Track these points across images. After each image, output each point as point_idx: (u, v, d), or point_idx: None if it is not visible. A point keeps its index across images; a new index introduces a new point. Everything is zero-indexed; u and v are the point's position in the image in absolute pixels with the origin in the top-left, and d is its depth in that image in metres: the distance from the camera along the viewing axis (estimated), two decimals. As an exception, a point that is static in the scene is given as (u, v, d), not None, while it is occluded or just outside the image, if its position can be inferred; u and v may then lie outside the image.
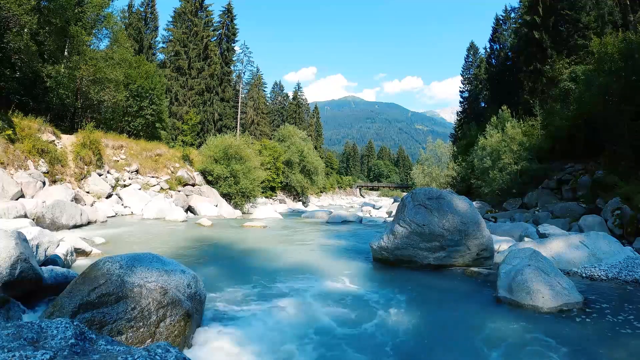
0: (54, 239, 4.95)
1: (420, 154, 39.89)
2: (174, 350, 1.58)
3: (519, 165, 18.88)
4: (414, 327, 3.55)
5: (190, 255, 6.57)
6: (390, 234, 5.94)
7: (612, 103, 12.87)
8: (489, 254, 5.83)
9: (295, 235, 10.04)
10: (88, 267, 3.06)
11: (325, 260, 6.38)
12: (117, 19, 19.83)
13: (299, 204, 32.57)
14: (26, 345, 1.42)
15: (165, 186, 16.46)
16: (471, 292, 4.73)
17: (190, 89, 33.96)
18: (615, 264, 5.31)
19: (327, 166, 60.91)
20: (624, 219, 8.61)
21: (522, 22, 27.93)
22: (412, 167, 58.50)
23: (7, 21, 12.02)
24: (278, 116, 58.34)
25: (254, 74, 49.57)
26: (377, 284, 5.11)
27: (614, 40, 13.65)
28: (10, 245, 3.23)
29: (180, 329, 2.85)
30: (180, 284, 3.10)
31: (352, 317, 3.74)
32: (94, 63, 16.50)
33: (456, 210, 5.77)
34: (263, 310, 3.77)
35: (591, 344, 3.11)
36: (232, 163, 19.54)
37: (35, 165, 11.46)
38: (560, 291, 3.90)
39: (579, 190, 13.13)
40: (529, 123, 21.55)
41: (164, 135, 24.48)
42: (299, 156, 35.39)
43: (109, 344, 1.62)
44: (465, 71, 43.39)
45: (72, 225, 8.83)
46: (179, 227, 10.70)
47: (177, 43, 34.08)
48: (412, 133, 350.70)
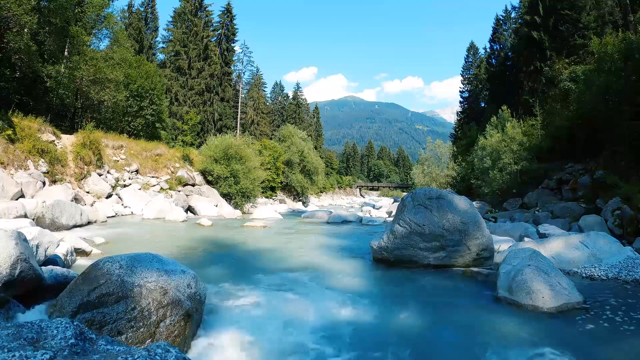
0: (54, 239, 4.95)
1: (420, 154, 39.92)
2: (174, 350, 1.58)
3: (519, 165, 18.88)
4: (413, 327, 3.55)
5: (190, 255, 6.57)
6: (390, 234, 5.94)
7: (612, 103, 12.87)
8: (489, 254, 5.83)
9: (295, 235, 10.04)
10: (88, 267, 3.06)
11: (325, 260, 6.38)
12: (117, 19, 19.85)
13: (299, 204, 32.57)
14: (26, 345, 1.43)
15: (165, 186, 16.45)
16: (471, 292, 4.73)
17: (190, 89, 33.95)
18: (615, 264, 5.31)
19: (327, 166, 60.94)
20: (624, 219, 8.61)
21: (522, 22, 27.94)
22: (412, 167, 58.53)
23: (7, 21, 12.02)
24: (278, 116, 58.33)
25: (254, 74, 49.65)
26: (377, 284, 5.11)
27: (614, 40, 13.64)
28: (10, 245, 3.23)
29: (180, 329, 2.85)
30: (180, 284, 3.10)
31: (352, 317, 3.74)
32: (94, 63, 16.49)
33: (456, 210, 5.77)
34: (263, 310, 3.77)
35: (591, 343, 3.11)
36: (232, 163, 19.53)
37: (35, 165, 11.46)
38: (560, 291, 3.90)
39: (579, 190, 13.13)
40: (529, 123, 21.55)
41: (164, 135, 24.48)
42: (299, 156, 35.40)
43: (109, 344, 1.62)
44: (466, 71, 43.35)
45: (72, 225, 8.82)
46: (179, 227, 10.70)
47: (177, 43, 34.08)
48: (412, 133, 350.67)
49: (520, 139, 20.05)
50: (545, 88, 23.32)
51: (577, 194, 13.17)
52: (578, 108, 16.07)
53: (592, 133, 14.60)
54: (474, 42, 46.68)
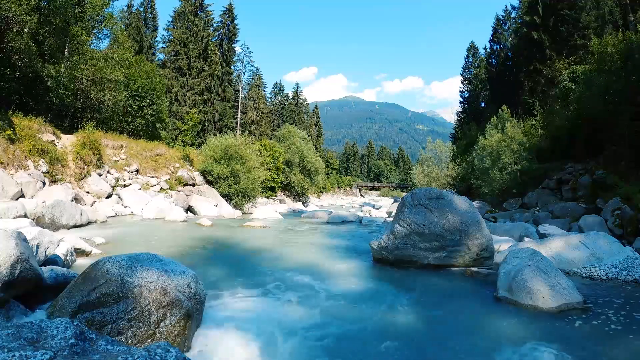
0: (54, 239, 4.94)
1: (420, 154, 39.87)
2: (174, 350, 1.58)
3: (519, 165, 18.88)
4: (413, 327, 3.55)
5: (190, 255, 6.57)
6: (390, 234, 5.94)
7: (612, 103, 12.88)
8: (489, 254, 5.83)
9: (295, 235, 10.04)
10: (88, 267, 3.06)
11: (325, 260, 6.38)
12: (117, 19, 19.83)
13: (299, 204, 32.56)
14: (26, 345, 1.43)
15: (165, 186, 16.45)
16: (471, 292, 4.73)
17: (191, 89, 33.95)
18: (615, 264, 5.31)
19: (327, 166, 60.95)
20: (624, 219, 8.61)
21: (522, 22, 27.95)
22: (412, 167, 58.54)
23: (7, 21, 12.01)
24: (278, 116, 58.32)
25: (254, 74, 49.62)
26: (377, 284, 5.11)
27: (614, 40, 13.66)
28: (10, 245, 3.23)
29: (180, 329, 2.85)
30: (180, 284, 3.11)
31: (352, 316, 3.74)
32: (94, 63, 16.49)
33: (456, 210, 5.77)
34: (263, 310, 3.77)
35: (591, 343, 3.11)
36: (232, 163, 19.53)
37: (35, 165, 11.46)
38: (560, 291, 3.90)
39: (579, 190, 13.13)
40: (529, 123, 21.56)
41: (164, 135, 24.47)
42: (299, 156, 35.38)
43: (109, 344, 1.62)
44: (466, 71, 43.38)
45: (72, 225, 8.82)
46: (179, 227, 10.70)
47: (177, 43, 34.06)
48: (412, 133, 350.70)
49: (520, 139, 20.06)
50: (545, 88, 23.35)
51: (577, 194, 13.17)
52: (578, 108, 16.08)
53: (592, 133, 14.61)
54: (474, 42, 46.84)
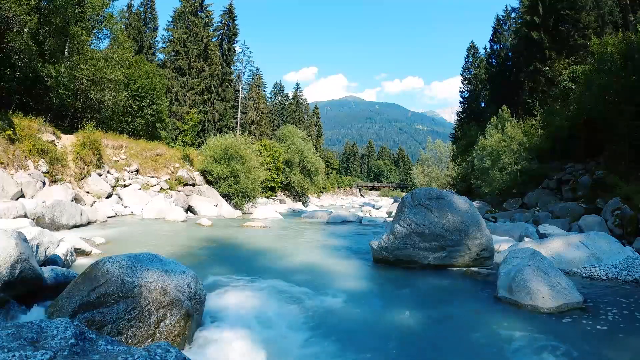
0: (54, 239, 4.94)
1: (420, 154, 39.91)
2: (174, 350, 1.58)
3: (519, 165, 18.89)
4: (413, 327, 3.55)
5: (190, 255, 6.57)
6: (390, 234, 5.93)
7: (612, 103, 12.88)
8: (489, 254, 5.83)
9: (295, 235, 10.04)
10: (88, 267, 3.06)
11: (325, 260, 6.38)
12: (117, 19, 19.82)
13: (299, 204, 32.56)
14: (26, 345, 1.43)
15: (165, 186, 16.45)
16: (471, 292, 4.73)
17: (191, 89, 33.94)
18: (615, 264, 5.31)
19: (327, 166, 60.95)
20: (624, 219, 8.61)
21: (522, 22, 27.94)
22: (412, 167, 58.52)
23: (7, 21, 12.01)
24: (278, 116, 58.33)
25: (254, 74, 49.61)
26: (377, 284, 5.11)
27: (614, 40, 13.66)
28: (10, 245, 3.23)
29: (180, 329, 2.85)
30: (180, 283, 3.10)
31: (352, 316, 3.74)
32: (94, 63, 16.49)
33: (456, 210, 5.77)
34: (263, 310, 3.77)
35: (591, 343, 3.11)
36: (232, 163, 19.53)
37: (35, 165, 11.46)
38: (560, 291, 3.90)
39: (579, 190, 13.13)
40: (529, 123, 21.57)
41: (164, 135, 24.47)
42: (299, 156, 35.39)
43: (109, 344, 1.62)
44: (466, 71, 43.35)
45: (72, 225, 8.82)
46: (179, 227, 10.70)
47: (177, 43, 34.06)
48: (412, 133, 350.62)
49: (520, 139, 20.06)
50: (545, 88, 23.34)
51: (577, 194, 13.17)
52: (578, 108, 16.09)
53: (592, 133, 14.61)
54: (474, 42, 46.65)
